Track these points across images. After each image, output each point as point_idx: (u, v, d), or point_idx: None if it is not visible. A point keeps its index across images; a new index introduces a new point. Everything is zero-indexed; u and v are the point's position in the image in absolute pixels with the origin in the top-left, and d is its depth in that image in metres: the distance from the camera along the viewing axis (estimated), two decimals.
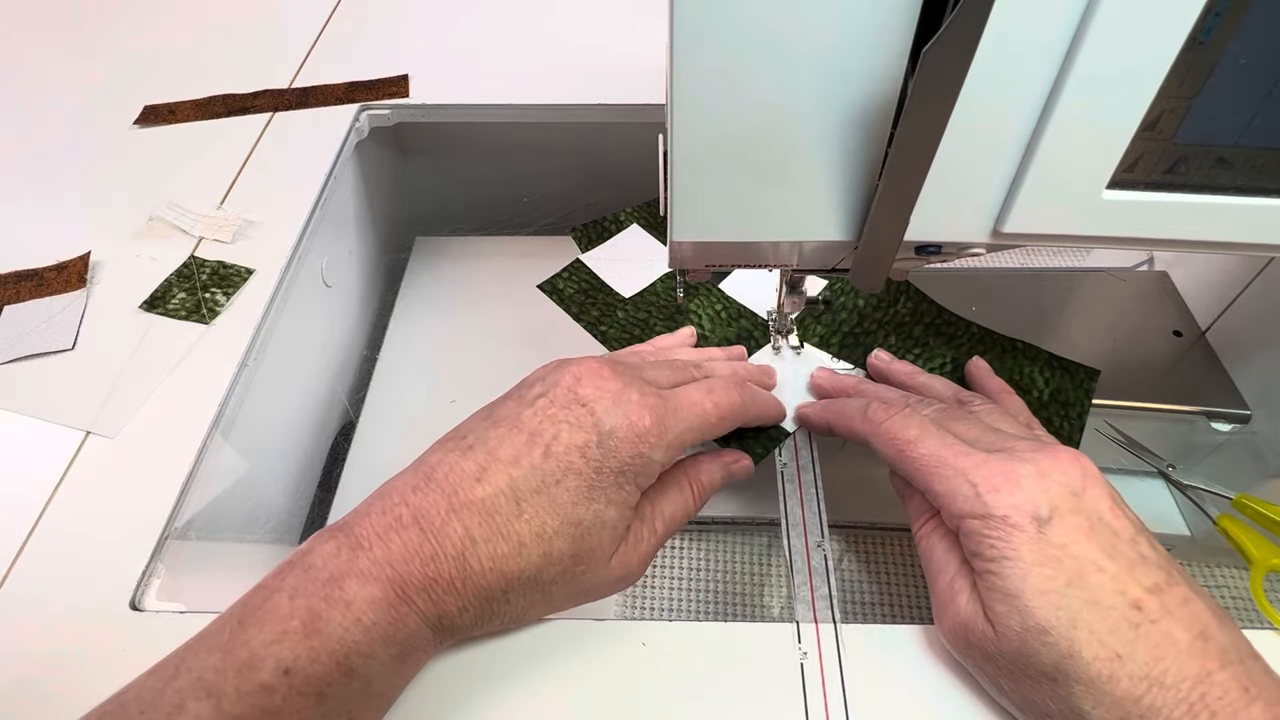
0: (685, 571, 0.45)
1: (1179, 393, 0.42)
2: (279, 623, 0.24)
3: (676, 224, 0.28)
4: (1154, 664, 0.24)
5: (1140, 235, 0.26)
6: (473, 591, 0.26)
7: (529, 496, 0.27)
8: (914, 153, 0.24)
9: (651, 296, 0.46)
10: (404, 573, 0.26)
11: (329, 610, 0.24)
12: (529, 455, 0.28)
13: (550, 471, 0.27)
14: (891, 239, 0.27)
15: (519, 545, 0.27)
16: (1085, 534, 0.27)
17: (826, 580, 0.33)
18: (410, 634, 0.26)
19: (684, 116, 0.25)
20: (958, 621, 0.28)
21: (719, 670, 0.30)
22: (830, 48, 0.23)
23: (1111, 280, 0.49)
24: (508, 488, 0.27)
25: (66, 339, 0.41)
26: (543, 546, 0.27)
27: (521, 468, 0.27)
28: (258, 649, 0.24)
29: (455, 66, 0.59)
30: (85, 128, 0.56)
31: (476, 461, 0.28)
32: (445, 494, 0.27)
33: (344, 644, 0.24)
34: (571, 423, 0.28)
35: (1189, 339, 0.45)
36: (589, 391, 0.29)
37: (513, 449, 0.28)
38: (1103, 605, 0.25)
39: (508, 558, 0.27)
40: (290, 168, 0.51)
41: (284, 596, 0.25)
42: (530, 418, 0.28)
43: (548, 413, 0.28)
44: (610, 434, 0.28)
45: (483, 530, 0.26)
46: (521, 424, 0.28)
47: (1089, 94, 0.23)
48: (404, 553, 0.26)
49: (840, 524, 0.47)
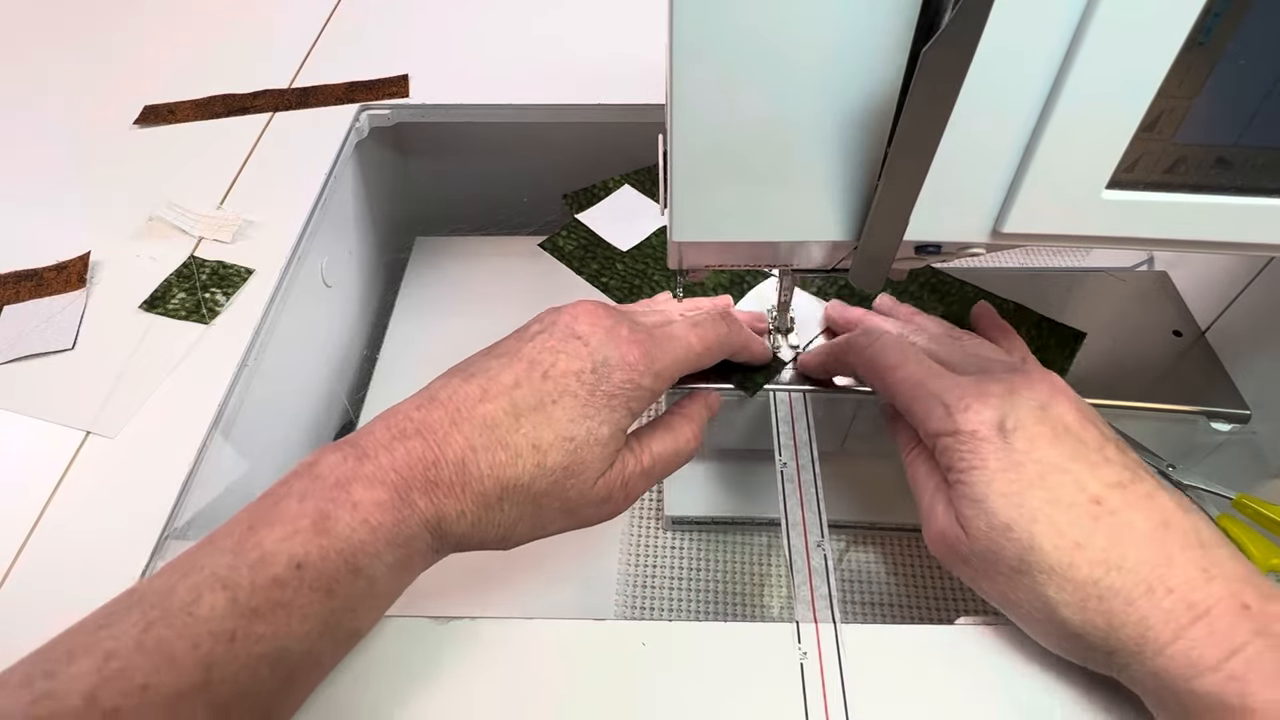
0: (685, 571, 0.45)
1: (1179, 393, 0.42)
2: (289, 523, 0.25)
3: (676, 224, 0.28)
4: (1112, 549, 0.26)
5: (1140, 235, 0.26)
6: (471, 496, 0.28)
7: (527, 413, 0.29)
8: (914, 153, 0.24)
9: (649, 249, 0.47)
10: (407, 477, 0.27)
11: (337, 511, 0.26)
12: (528, 379, 0.30)
13: (548, 392, 0.29)
14: (891, 239, 0.27)
15: (516, 454, 0.28)
16: (1049, 441, 0.28)
17: (826, 580, 0.33)
18: (411, 536, 0.27)
19: (684, 117, 0.25)
20: (937, 530, 0.30)
21: (719, 670, 0.30)
22: (830, 48, 0.23)
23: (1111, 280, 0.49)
24: (508, 405, 0.29)
25: (66, 339, 0.41)
26: (537, 457, 0.29)
27: (521, 389, 0.29)
28: (269, 547, 0.25)
29: (455, 66, 0.59)
30: (85, 128, 0.56)
31: (479, 385, 0.30)
32: (448, 410, 0.29)
33: (351, 543, 0.26)
34: (568, 353, 0.30)
35: (1189, 339, 0.45)
36: (584, 328, 0.31)
37: (513, 374, 0.30)
38: (1063, 502, 0.27)
39: (505, 465, 0.28)
40: (290, 168, 0.51)
41: (293, 500, 0.26)
42: (530, 350, 0.31)
43: (546, 344, 0.31)
44: (604, 363, 0.30)
45: (483, 440, 0.28)
46: (521, 355, 0.30)
47: (1089, 94, 0.23)
48: (408, 459, 0.27)
49: (840, 524, 0.47)
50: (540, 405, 0.29)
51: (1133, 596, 0.25)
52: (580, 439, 0.29)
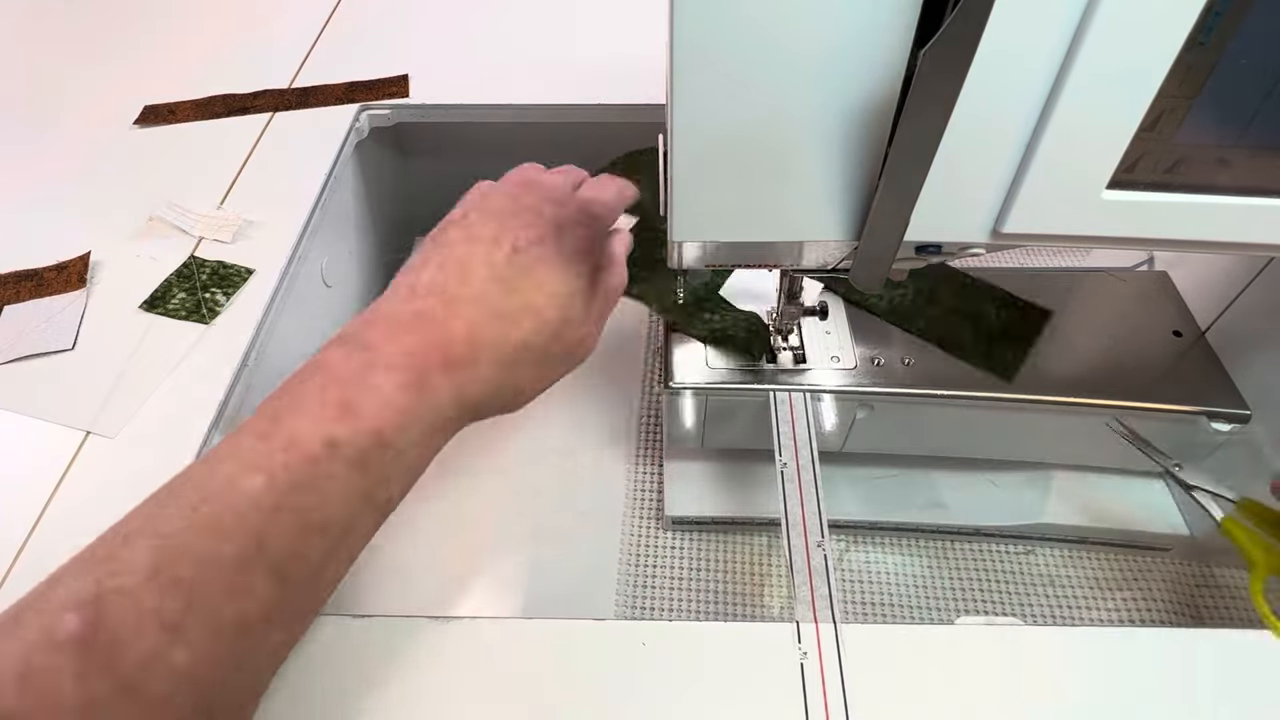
0: (685, 571, 0.45)
1: (1179, 393, 0.42)
2: (315, 410, 0.26)
3: (676, 224, 0.28)
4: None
5: (1140, 235, 0.26)
6: (487, 364, 0.29)
7: (515, 282, 0.31)
8: (914, 153, 0.24)
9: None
10: (422, 360, 0.28)
11: (361, 396, 0.27)
12: (499, 254, 0.31)
13: (524, 262, 0.31)
14: (891, 239, 0.27)
15: (515, 320, 0.30)
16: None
17: (826, 580, 0.33)
18: (436, 410, 0.28)
19: (684, 116, 0.25)
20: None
21: (719, 670, 0.30)
22: (830, 47, 0.23)
23: (1111, 280, 0.49)
24: (492, 279, 0.31)
25: (66, 339, 0.41)
26: (535, 317, 0.31)
27: (498, 266, 0.31)
28: (299, 431, 0.26)
29: (455, 66, 0.59)
30: (85, 128, 0.56)
31: (455, 271, 0.31)
32: (438, 296, 0.30)
33: (379, 423, 0.26)
34: (526, 222, 0.32)
35: (1189, 339, 0.45)
36: (530, 200, 0.33)
37: (483, 254, 0.31)
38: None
39: (510, 330, 0.30)
40: (290, 168, 0.51)
41: (314, 389, 0.27)
42: (483, 231, 0.32)
43: (499, 221, 0.32)
44: (560, 223, 0.33)
45: (482, 314, 0.30)
46: (481, 237, 0.32)
47: (1089, 94, 0.23)
48: (418, 345, 0.28)
49: (840, 524, 0.47)
50: (525, 273, 0.31)
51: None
52: (565, 293, 0.32)
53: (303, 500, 0.25)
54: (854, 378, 0.42)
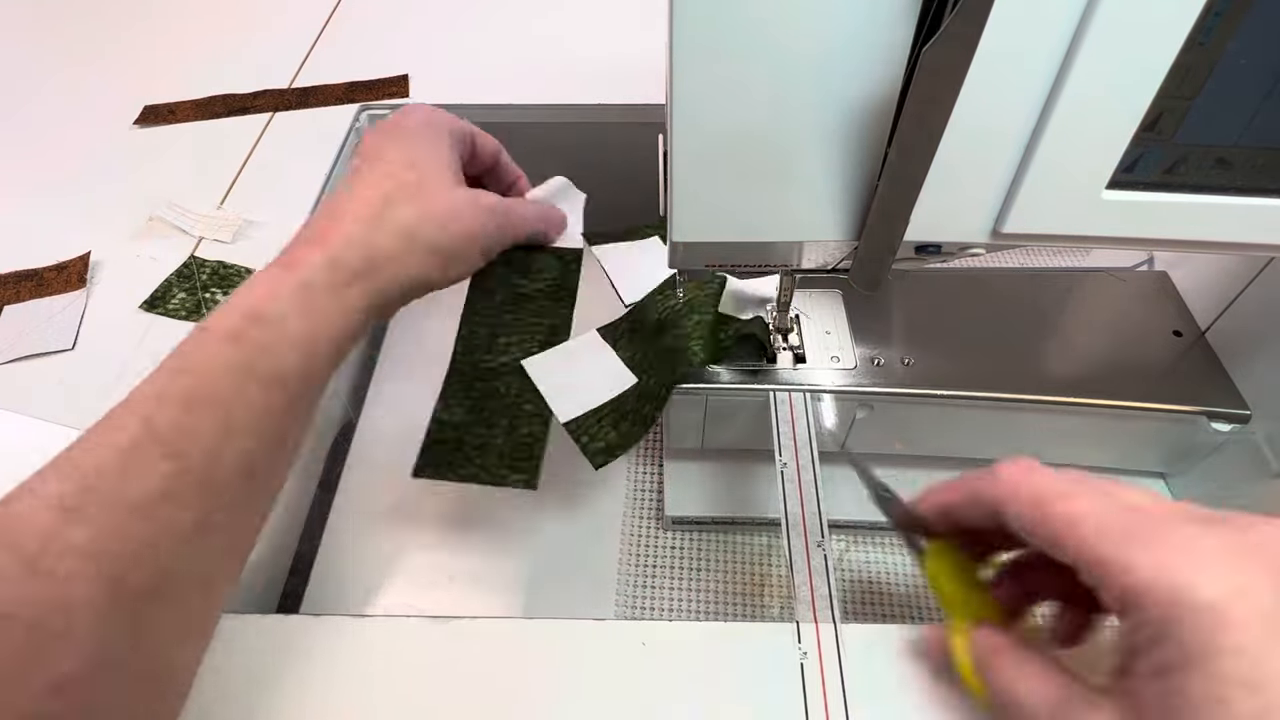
0: (685, 571, 0.45)
1: (1179, 393, 0.42)
2: (213, 321, 0.29)
3: (676, 224, 0.28)
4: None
5: (1140, 235, 0.26)
6: (350, 221, 0.32)
7: (378, 148, 0.35)
8: (914, 153, 0.24)
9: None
10: (293, 245, 0.32)
11: (242, 294, 0.30)
12: (373, 136, 0.36)
13: (387, 137, 0.36)
14: (891, 239, 0.27)
15: (373, 183, 0.34)
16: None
17: (826, 580, 0.33)
18: (306, 277, 0.30)
19: (684, 116, 0.25)
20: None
21: (719, 670, 0.30)
22: (830, 47, 0.23)
23: (1111, 280, 0.49)
24: (360, 158, 0.35)
25: (66, 339, 0.41)
26: (390, 178, 0.34)
27: (369, 147, 0.36)
28: (192, 333, 0.29)
29: (455, 66, 0.59)
30: (85, 128, 0.56)
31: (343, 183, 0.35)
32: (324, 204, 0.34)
33: (250, 300, 0.29)
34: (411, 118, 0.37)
35: (1189, 339, 0.45)
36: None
37: (363, 148, 0.36)
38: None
39: (369, 189, 0.33)
40: (290, 168, 0.51)
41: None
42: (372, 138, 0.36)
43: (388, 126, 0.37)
44: (433, 122, 0.37)
45: (345, 192, 0.34)
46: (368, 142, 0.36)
47: (1089, 94, 0.23)
48: (296, 239, 0.32)
49: (840, 524, 0.47)
50: (379, 156, 0.35)
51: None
52: (425, 160, 0.35)
53: (184, 381, 0.27)
54: (854, 378, 0.42)
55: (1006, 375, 0.43)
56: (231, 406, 0.27)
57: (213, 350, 0.28)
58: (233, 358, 0.28)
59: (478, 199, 0.36)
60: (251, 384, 0.28)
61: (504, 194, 0.41)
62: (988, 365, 0.44)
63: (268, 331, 0.28)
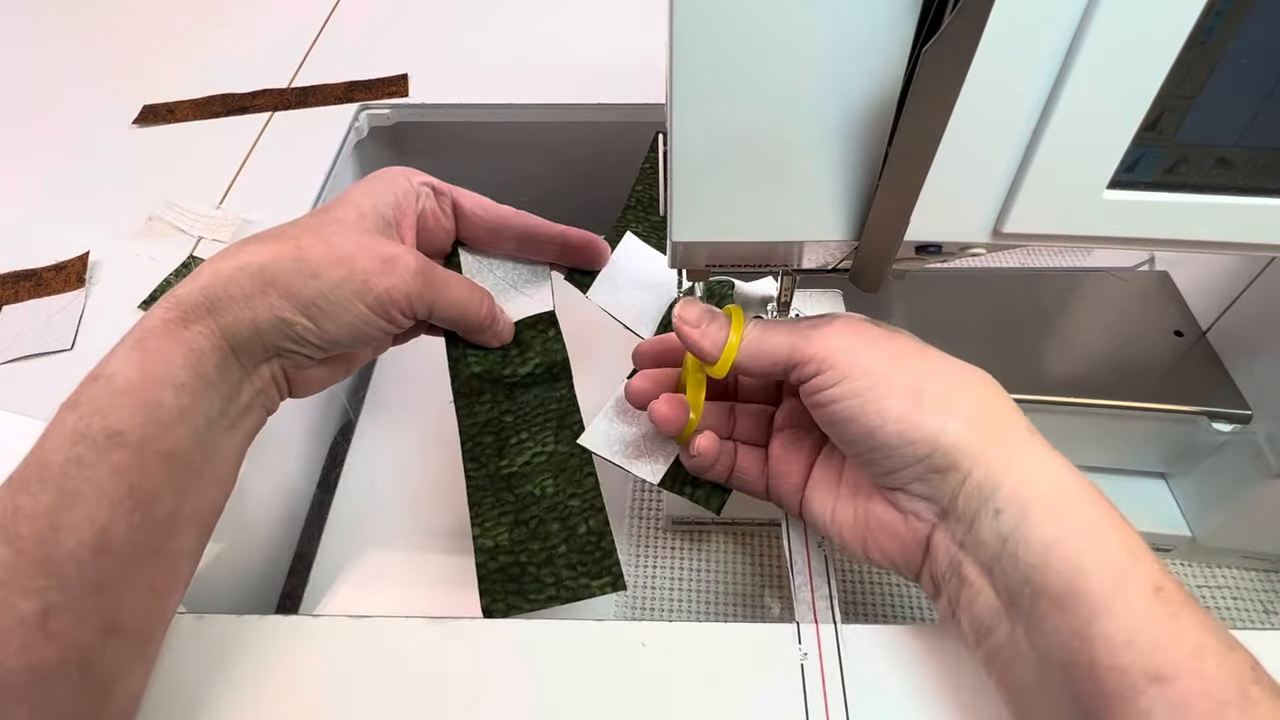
0: (685, 571, 0.45)
1: (1180, 393, 0.42)
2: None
3: (676, 224, 0.28)
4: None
5: (1140, 235, 0.26)
6: (204, 274, 0.30)
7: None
8: (914, 153, 0.24)
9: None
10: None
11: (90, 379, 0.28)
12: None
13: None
14: (892, 239, 0.27)
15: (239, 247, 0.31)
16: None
17: (826, 580, 0.33)
18: (144, 327, 0.29)
19: (684, 116, 0.25)
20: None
21: (719, 670, 0.30)
22: (830, 47, 0.23)
23: (1111, 280, 0.49)
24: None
25: (65, 339, 0.41)
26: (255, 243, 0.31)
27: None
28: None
29: (455, 66, 0.59)
30: (84, 127, 0.56)
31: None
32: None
33: (97, 369, 0.28)
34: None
35: (1189, 339, 0.45)
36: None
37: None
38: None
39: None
40: (290, 168, 0.51)
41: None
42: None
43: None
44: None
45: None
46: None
47: (1090, 93, 0.23)
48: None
49: None
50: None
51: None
52: (342, 200, 0.33)
53: (28, 459, 0.26)
54: None
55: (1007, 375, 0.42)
56: (65, 476, 0.25)
57: (56, 421, 0.26)
58: (68, 423, 0.26)
59: (385, 252, 0.32)
60: (83, 447, 0.26)
61: (559, 251, 0.38)
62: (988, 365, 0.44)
63: (98, 387, 0.27)
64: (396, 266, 0.32)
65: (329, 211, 0.33)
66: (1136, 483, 0.47)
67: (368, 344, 0.33)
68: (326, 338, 0.31)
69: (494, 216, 0.37)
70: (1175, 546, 0.45)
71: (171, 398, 0.27)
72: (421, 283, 0.32)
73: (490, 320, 0.36)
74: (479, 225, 0.37)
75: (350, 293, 0.31)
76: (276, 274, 0.30)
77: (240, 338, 0.29)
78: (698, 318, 0.32)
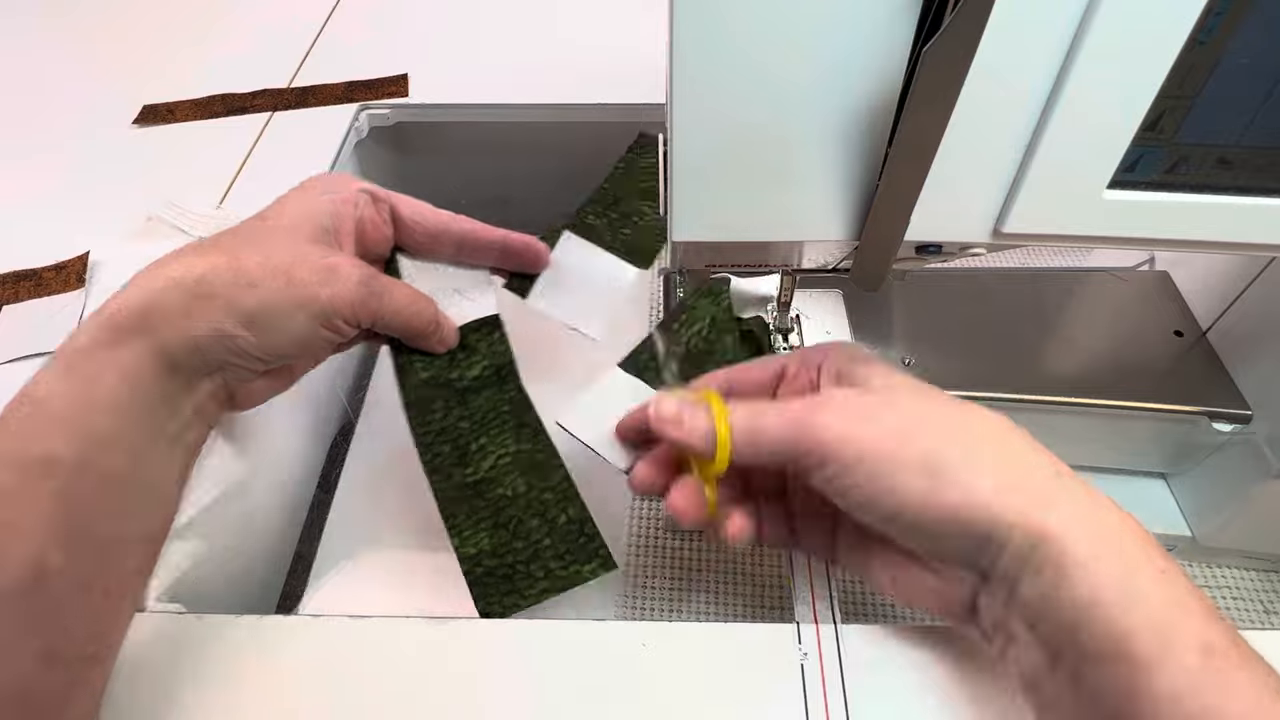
0: (685, 571, 0.45)
1: (1180, 393, 0.42)
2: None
3: (676, 224, 0.28)
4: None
5: (1141, 235, 0.26)
6: (132, 288, 0.29)
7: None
8: (914, 152, 0.24)
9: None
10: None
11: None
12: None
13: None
14: (892, 239, 0.27)
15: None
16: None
17: (827, 580, 0.33)
18: (73, 348, 0.28)
19: (684, 116, 0.25)
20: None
21: (719, 670, 0.30)
22: (831, 47, 0.23)
23: (1112, 280, 0.49)
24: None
25: None
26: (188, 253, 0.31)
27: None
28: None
29: (455, 66, 0.59)
30: (84, 128, 0.56)
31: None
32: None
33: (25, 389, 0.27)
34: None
35: (1190, 339, 0.45)
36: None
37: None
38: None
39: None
40: (290, 167, 0.51)
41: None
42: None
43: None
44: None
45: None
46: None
47: (1090, 94, 0.23)
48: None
49: None
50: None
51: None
52: (277, 208, 0.33)
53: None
54: None
55: (1007, 375, 0.43)
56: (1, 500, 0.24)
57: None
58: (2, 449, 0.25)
59: (325, 261, 0.31)
60: (15, 474, 0.25)
61: (499, 255, 0.37)
62: (988, 365, 0.44)
63: (29, 411, 0.26)
64: (338, 275, 0.31)
65: (265, 220, 0.32)
66: (1136, 483, 0.47)
67: (311, 355, 0.33)
68: (269, 350, 0.30)
69: (433, 223, 0.35)
70: (1175, 546, 0.45)
71: (106, 421, 0.26)
72: (365, 291, 0.31)
73: (434, 326, 0.35)
74: (418, 231, 0.35)
75: (291, 303, 0.30)
76: (214, 286, 0.29)
77: (178, 354, 0.28)
78: (675, 414, 0.29)
